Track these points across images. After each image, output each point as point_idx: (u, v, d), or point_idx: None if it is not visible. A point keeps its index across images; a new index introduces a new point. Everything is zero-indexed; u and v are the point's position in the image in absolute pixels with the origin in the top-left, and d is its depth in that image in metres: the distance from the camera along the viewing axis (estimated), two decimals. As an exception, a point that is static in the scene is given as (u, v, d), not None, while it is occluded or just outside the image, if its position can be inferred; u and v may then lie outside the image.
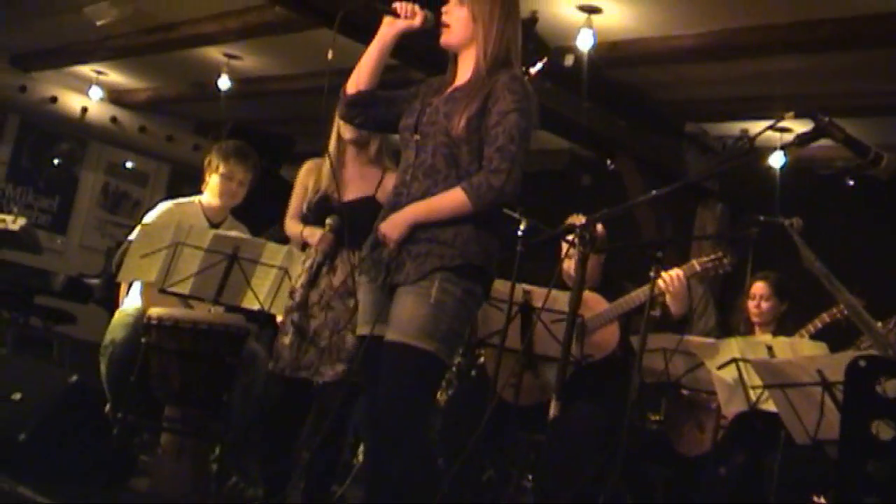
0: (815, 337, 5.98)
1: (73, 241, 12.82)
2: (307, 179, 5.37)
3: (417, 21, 3.95)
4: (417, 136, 3.91)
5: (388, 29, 3.99)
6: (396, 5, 3.96)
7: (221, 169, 5.93)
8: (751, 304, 6.24)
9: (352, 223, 4.96)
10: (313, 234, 5.19)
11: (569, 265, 5.65)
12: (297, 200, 5.38)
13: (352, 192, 5.15)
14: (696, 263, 5.71)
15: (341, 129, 5.17)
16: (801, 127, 7.74)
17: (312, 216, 5.22)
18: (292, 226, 5.36)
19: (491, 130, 3.77)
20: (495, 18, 3.90)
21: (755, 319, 6.23)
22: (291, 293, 5.15)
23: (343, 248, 5.09)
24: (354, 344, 4.90)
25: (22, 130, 12.32)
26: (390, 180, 4.97)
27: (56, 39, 10.38)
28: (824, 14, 6.57)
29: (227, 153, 5.96)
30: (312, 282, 5.10)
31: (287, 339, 5.05)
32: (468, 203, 3.73)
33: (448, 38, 3.97)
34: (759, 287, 6.24)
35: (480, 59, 3.89)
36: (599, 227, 5.78)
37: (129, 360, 5.41)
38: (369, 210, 4.82)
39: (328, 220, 5.11)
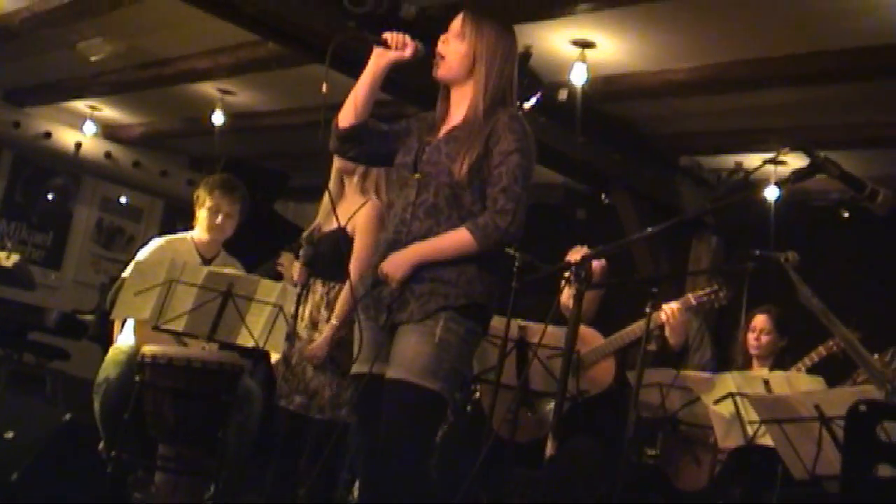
0: (811, 370, 5.96)
1: (66, 276, 12.78)
2: None
3: (408, 52, 3.94)
4: (418, 175, 3.89)
5: (379, 60, 3.97)
6: (387, 36, 3.94)
7: (207, 203, 5.94)
8: (750, 337, 6.23)
9: (321, 254, 5.04)
10: (297, 268, 5.30)
11: (567, 299, 5.64)
12: None
13: (335, 224, 5.17)
14: (691, 297, 5.71)
15: (335, 161, 5.20)
16: (796, 159, 7.76)
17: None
18: None
19: (494, 171, 3.77)
20: (497, 59, 3.90)
21: (753, 352, 6.22)
22: None
23: (315, 280, 5.15)
24: (313, 378, 4.95)
25: (16, 166, 12.29)
26: (363, 209, 5.04)
27: (50, 75, 10.38)
28: (818, 47, 6.57)
29: (213, 186, 5.97)
30: (296, 312, 5.16)
31: (277, 368, 5.16)
32: (474, 243, 3.73)
33: (443, 72, 3.96)
34: (760, 320, 6.23)
35: (479, 99, 3.88)
36: (600, 262, 5.78)
37: (123, 398, 5.38)
38: (336, 241, 4.96)
39: (301, 253, 5.18)
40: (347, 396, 5.06)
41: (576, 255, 5.69)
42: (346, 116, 3.99)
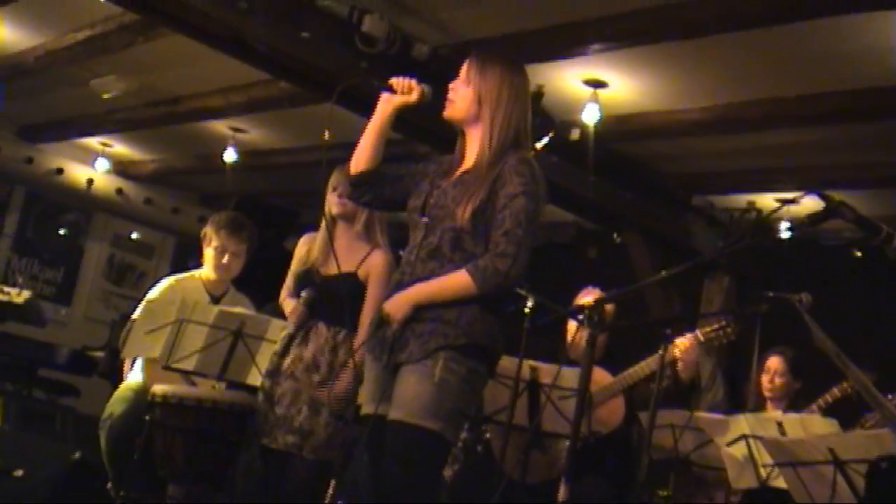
0: (825, 412, 5.92)
1: (77, 312, 12.79)
2: (301, 253, 5.34)
3: (414, 96, 3.95)
4: (426, 219, 3.89)
5: (386, 105, 3.99)
6: (393, 81, 3.95)
7: (214, 242, 5.92)
8: (764, 379, 6.21)
9: (328, 298, 4.96)
10: (292, 308, 5.18)
11: (579, 339, 5.62)
12: (292, 275, 5.35)
13: (336, 267, 5.06)
14: (700, 333, 5.69)
15: (328, 204, 5.12)
16: (809, 199, 7.74)
17: (297, 289, 5.18)
18: (285, 299, 5.34)
19: (498, 214, 3.76)
20: (503, 102, 3.88)
21: (767, 394, 6.19)
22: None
23: (317, 322, 5.04)
24: (306, 418, 4.87)
25: (28, 201, 12.33)
26: (376, 257, 4.98)
27: (63, 112, 10.43)
28: (829, 87, 6.57)
29: (220, 226, 5.93)
30: (284, 351, 5.06)
31: (259, 406, 5.05)
32: (473, 285, 3.71)
33: (450, 113, 3.96)
34: (774, 361, 6.21)
35: (486, 144, 3.87)
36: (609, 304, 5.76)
37: (127, 434, 5.37)
38: (347, 286, 4.88)
39: (302, 294, 5.09)
40: (341, 439, 4.99)
41: (587, 296, 5.69)
42: (358, 162, 4.01)
